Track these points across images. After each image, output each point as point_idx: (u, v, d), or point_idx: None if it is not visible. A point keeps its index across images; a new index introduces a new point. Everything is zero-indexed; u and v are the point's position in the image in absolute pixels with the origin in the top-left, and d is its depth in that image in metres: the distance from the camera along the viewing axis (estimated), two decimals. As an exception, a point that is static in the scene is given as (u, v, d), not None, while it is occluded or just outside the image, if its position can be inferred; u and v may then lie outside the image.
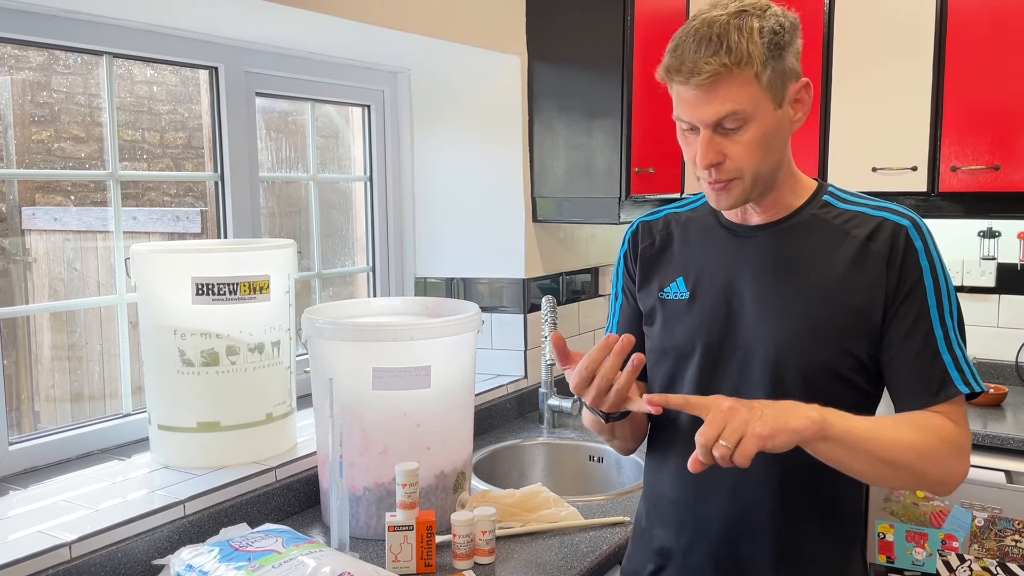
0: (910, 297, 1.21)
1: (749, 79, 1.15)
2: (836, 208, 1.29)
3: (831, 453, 1.11)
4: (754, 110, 1.17)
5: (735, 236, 1.32)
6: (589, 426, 1.40)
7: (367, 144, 2.72)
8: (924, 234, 1.23)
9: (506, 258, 2.67)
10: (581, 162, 2.56)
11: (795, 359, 1.23)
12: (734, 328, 1.28)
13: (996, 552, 2.27)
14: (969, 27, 2.42)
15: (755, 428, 1.04)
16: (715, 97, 1.16)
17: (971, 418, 2.43)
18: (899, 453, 1.13)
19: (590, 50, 2.51)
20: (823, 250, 1.25)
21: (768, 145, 1.20)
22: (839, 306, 1.22)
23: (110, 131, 1.97)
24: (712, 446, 1.04)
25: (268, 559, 1.39)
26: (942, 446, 1.16)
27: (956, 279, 2.87)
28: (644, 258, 1.40)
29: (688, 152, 1.24)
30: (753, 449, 1.03)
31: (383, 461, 1.71)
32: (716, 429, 1.04)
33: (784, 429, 1.06)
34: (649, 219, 1.44)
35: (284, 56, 2.32)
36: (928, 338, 1.20)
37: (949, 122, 2.48)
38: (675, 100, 1.22)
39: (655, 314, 1.36)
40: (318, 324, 1.72)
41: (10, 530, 1.48)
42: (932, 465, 1.16)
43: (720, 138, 1.18)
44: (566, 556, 1.66)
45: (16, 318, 1.90)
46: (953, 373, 1.19)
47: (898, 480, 1.19)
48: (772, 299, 1.25)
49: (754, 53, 1.14)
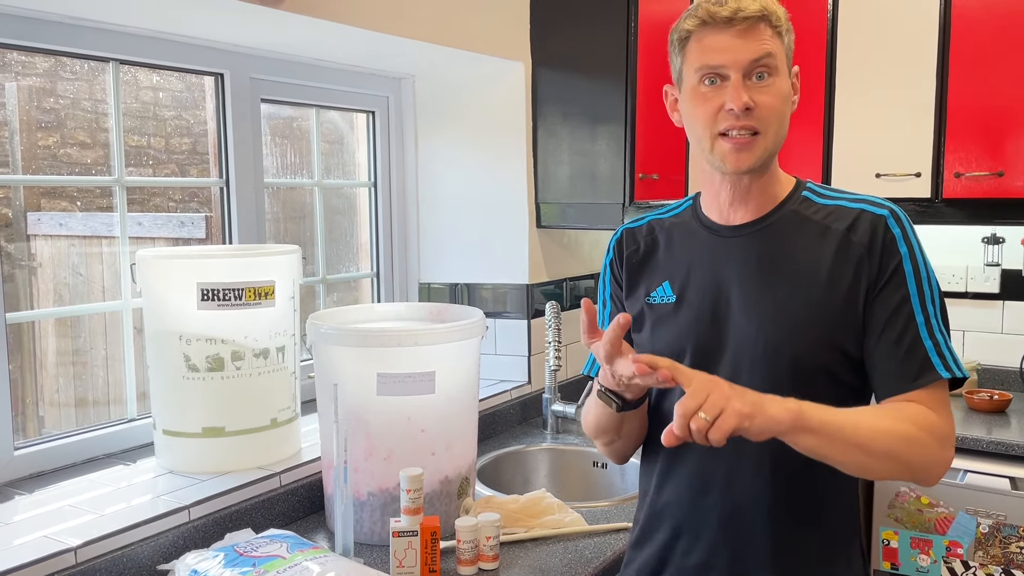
0: (890, 284, 1.22)
1: (777, 34, 1.23)
2: (815, 203, 1.30)
3: (810, 444, 1.11)
4: (780, 63, 1.23)
5: (718, 237, 1.33)
6: (593, 427, 1.39)
7: (371, 150, 2.73)
8: (903, 222, 1.24)
9: (510, 264, 2.67)
10: (585, 168, 2.56)
11: (785, 357, 1.24)
12: (723, 329, 1.28)
13: (1001, 559, 2.26)
14: (973, 33, 2.43)
15: (735, 404, 1.04)
16: (754, 38, 1.21)
17: (975, 425, 2.44)
18: (876, 441, 1.13)
19: (594, 56, 2.51)
20: (806, 246, 1.26)
21: (785, 106, 1.25)
22: (826, 302, 1.23)
23: (116, 137, 1.98)
24: (691, 417, 1.03)
25: (273, 564, 1.39)
26: (921, 434, 1.16)
27: (960, 285, 2.87)
28: (630, 264, 1.41)
29: (706, 108, 1.24)
30: (731, 424, 1.03)
31: (387, 466, 1.71)
32: (697, 401, 1.04)
33: (762, 412, 1.06)
34: (633, 226, 1.45)
35: (289, 62, 2.33)
36: (909, 323, 1.21)
37: (953, 128, 2.48)
38: (699, 53, 1.23)
39: (643, 319, 1.37)
40: (323, 329, 1.73)
41: (16, 535, 1.48)
42: (912, 453, 1.16)
43: (749, 87, 1.22)
44: (570, 562, 1.66)
45: (21, 323, 1.91)
46: (934, 358, 1.20)
47: (880, 469, 1.18)
48: (759, 298, 1.26)
49: (781, 13, 1.24)
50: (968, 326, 2.86)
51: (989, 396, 2.60)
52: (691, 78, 1.25)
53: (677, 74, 1.30)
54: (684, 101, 1.28)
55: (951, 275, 2.86)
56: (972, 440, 2.34)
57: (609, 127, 2.50)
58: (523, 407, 2.66)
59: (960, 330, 2.87)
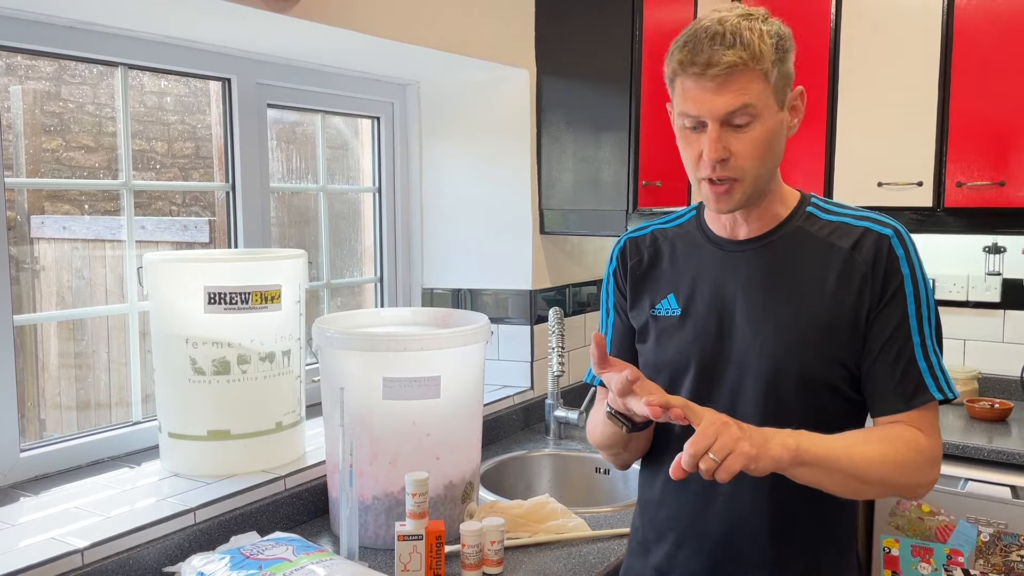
0: (891, 304, 1.23)
1: (760, 76, 1.19)
2: (820, 220, 1.31)
3: (807, 476, 1.15)
4: (762, 107, 1.20)
5: (724, 251, 1.33)
6: (599, 441, 1.39)
7: (376, 155, 2.74)
8: (906, 242, 1.26)
9: (513, 270, 2.68)
10: (589, 175, 2.57)
11: (789, 373, 1.25)
12: (727, 343, 1.29)
13: (1001, 567, 2.27)
14: (975, 43, 2.44)
15: (743, 447, 1.07)
16: (728, 90, 1.18)
17: (976, 434, 2.45)
18: (871, 471, 1.17)
19: (598, 64, 2.53)
20: (811, 263, 1.27)
21: (770, 146, 1.23)
22: (830, 319, 1.24)
23: (123, 141, 1.99)
24: (701, 457, 1.05)
25: (279, 567, 1.39)
26: (912, 456, 1.19)
27: (961, 294, 2.88)
28: (634, 275, 1.41)
29: (690, 152, 1.25)
30: (738, 467, 1.06)
31: (392, 471, 1.72)
32: (707, 441, 1.06)
33: (766, 454, 1.09)
34: (636, 235, 1.44)
35: (296, 68, 2.34)
36: (906, 344, 1.23)
37: (955, 137, 2.49)
38: (680, 97, 1.23)
39: (648, 331, 1.37)
40: (329, 334, 1.73)
41: (22, 536, 1.49)
42: (903, 477, 1.20)
43: (727, 134, 1.20)
44: (574, 567, 1.67)
45: (23, 326, 1.91)
46: (928, 380, 1.22)
47: (870, 493, 1.24)
48: (764, 314, 1.27)
49: (764, 52, 1.18)
50: (969, 335, 2.87)
51: (990, 405, 2.61)
52: (677, 118, 1.26)
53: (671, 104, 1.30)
54: (676, 132, 1.29)
55: (952, 284, 2.87)
56: (973, 449, 2.35)
57: (613, 134, 2.52)
58: (526, 413, 2.66)
59: (961, 339, 2.88)
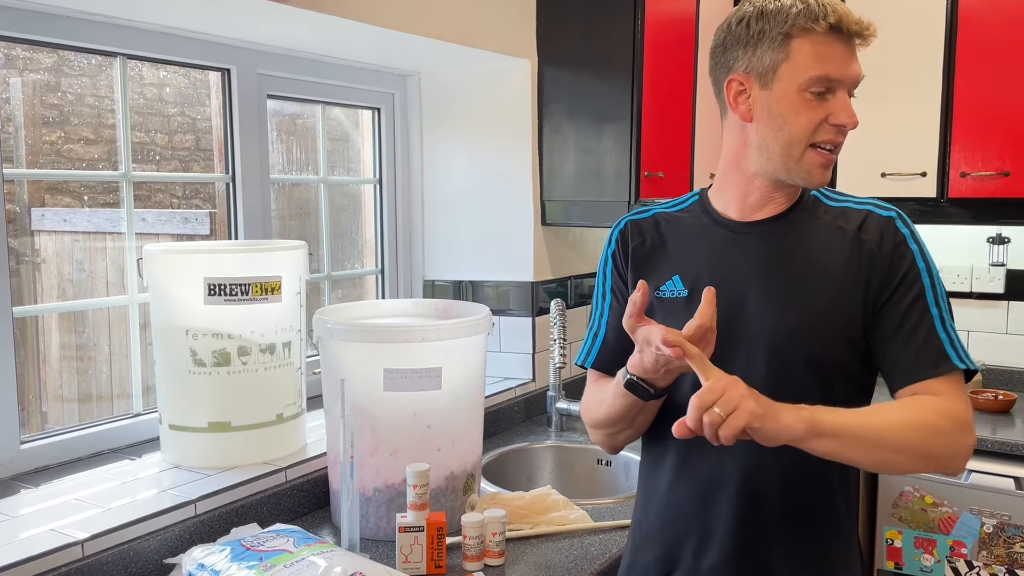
0: (905, 281, 1.24)
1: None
2: (824, 204, 1.33)
3: (827, 448, 1.12)
4: None
5: (732, 232, 1.33)
6: (603, 417, 1.34)
7: (376, 147, 2.73)
8: (908, 224, 1.28)
9: (514, 261, 2.67)
10: (590, 166, 2.56)
11: (799, 352, 1.25)
12: (736, 324, 1.28)
13: (1005, 559, 2.26)
14: (979, 33, 2.43)
15: (748, 403, 1.06)
16: (856, 59, 1.23)
17: (980, 425, 2.44)
18: (894, 436, 1.15)
19: (600, 54, 2.51)
20: (818, 244, 1.28)
21: None
22: (838, 298, 1.25)
23: (123, 132, 1.98)
24: (706, 410, 1.05)
25: (280, 559, 1.39)
26: (942, 421, 1.17)
27: (965, 285, 2.87)
28: (636, 257, 1.39)
29: (810, 117, 1.22)
30: (742, 421, 1.04)
31: (393, 462, 1.71)
32: (714, 396, 1.06)
33: (774, 416, 1.07)
34: (637, 217, 1.42)
35: (296, 59, 2.33)
36: (924, 316, 1.23)
37: (959, 128, 2.48)
38: (814, 57, 1.20)
39: (653, 313, 1.34)
40: (330, 325, 1.73)
41: (23, 528, 1.48)
42: (932, 443, 1.17)
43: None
44: (576, 558, 1.66)
45: (25, 318, 1.91)
46: (949, 350, 1.22)
47: (901, 463, 1.18)
48: (773, 294, 1.27)
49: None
50: (973, 326, 2.86)
51: (994, 396, 2.60)
52: (795, 81, 1.21)
53: (763, 68, 1.23)
54: (776, 102, 1.23)
55: (956, 275, 2.86)
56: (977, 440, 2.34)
57: (615, 125, 2.50)
58: (527, 404, 2.66)
59: (965, 330, 2.87)
